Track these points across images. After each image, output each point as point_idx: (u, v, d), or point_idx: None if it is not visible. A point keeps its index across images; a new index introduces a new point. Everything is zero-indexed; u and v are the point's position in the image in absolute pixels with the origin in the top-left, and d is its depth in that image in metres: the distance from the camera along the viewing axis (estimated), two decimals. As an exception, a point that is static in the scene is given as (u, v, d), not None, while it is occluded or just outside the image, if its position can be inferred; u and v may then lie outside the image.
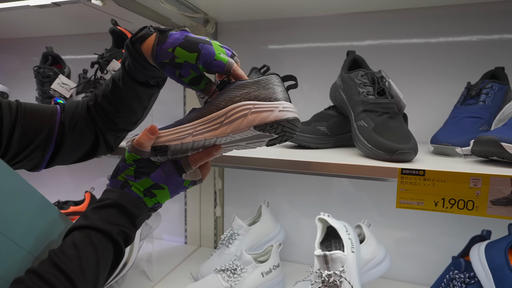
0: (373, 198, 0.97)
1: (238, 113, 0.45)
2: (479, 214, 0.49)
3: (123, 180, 0.45)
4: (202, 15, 0.95)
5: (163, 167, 0.46)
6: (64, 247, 0.39)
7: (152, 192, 0.45)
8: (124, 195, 0.44)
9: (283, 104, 0.45)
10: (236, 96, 0.46)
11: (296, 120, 0.46)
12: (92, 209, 0.42)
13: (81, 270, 0.37)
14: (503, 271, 0.66)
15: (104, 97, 0.57)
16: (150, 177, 0.45)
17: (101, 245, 0.40)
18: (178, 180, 0.47)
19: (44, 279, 0.35)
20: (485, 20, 0.84)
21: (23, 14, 1.02)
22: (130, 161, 0.45)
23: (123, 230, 0.42)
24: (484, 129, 0.67)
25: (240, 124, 0.45)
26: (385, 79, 0.69)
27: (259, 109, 0.45)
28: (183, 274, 0.97)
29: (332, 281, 0.66)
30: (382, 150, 0.58)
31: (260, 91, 0.46)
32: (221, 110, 0.46)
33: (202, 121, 0.46)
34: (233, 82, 0.48)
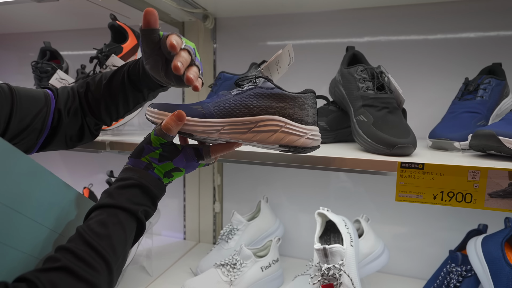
0: (372, 193, 0.98)
1: (269, 126, 0.47)
2: (477, 206, 0.50)
3: (146, 162, 0.46)
4: (201, 10, 0.95)
5: (185, 153, 0.48)
6: (93, 225, 0.40)
7: (171, 174, 0.48)
8: (147, 176, 0.45)
9: (311, 131, 0.49)
10: (271, 108, 0.48)
11: (316, 147, 0.50)
12: (117, 188, 0.44)
13: (112, 247, 0.39)
14: (499, 264, 0.67)
15: (97, 88, 0.59)
16: (172, 162, 0.47)
17: (127, 223, 0.42)
18: (196, 164, 0.49)
19: (79, 257, 0.36)
20: (482, 17, 0.85)
21: (20, 9, 1.01)
22: (156, 144, 0.46)
23: (146, 209, 0.44)
24: (481, 124, 0.68)
25: (267, 138, 0.47)
26: (384, 74, 0.70)
27: (289, 130, 0.47)
28: (182, 269, 0.98)
29: (332, 275, 0.67)
30: (382, 144, 0.58)
31: (295, 110, 0.48)
32: (253, 117, 0.47)
33: (232, 121, 0.47)
34: (274, 88, 0.48)
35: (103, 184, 1.08)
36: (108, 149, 0.72)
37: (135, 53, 0.86)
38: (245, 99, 0.48)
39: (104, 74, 0.60)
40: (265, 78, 0.49)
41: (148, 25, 0.49)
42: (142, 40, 0.51)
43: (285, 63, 0.53)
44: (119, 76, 0.58)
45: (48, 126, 0.56)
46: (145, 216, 0.45)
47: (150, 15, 0.49)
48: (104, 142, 0.71)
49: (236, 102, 0.48)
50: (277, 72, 0.53)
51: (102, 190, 0.45)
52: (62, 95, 0.58)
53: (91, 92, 0.59)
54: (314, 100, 0.50)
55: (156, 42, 0.50)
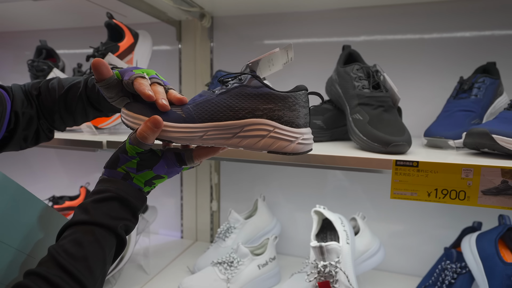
0: (368, 191, 0.98)
1: (256, 131, 0.43)
2: (471, 203, 0.50)
3: (123, 172, 0.42)
4: (198, 9, 0.95)
5: (165, 159, 0.44)
6: (66, 245, 0.36)
7: (153, 182, 0.44)
8: (125, 187, 0.42)
9: (303, 135, 0.44)
10: (258, 110, 0.43)
11: (308, 151, 0.45)
12: (92, 202, 0.40)
13: (88, 270, 0.36)
14: (493, 260, 0.68)
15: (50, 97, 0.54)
16: (152, 170, 0.43)
17: (106, 241, 0.38)
18: (178, 169, 0.46)
19: (52, 283, 0.33)
20: (477, 16, 0.85)
21: (16, 7, 1.00)
22: (132, 153, 0.42)
23: (126, 223, 0.41)
24: (476, 122, 0.69)
25: (255, 144, 0.43)
26: (380, 73, 0.70)
27: (279, 135, 0.43)
28: (179, 267, 0.98)
29: (328, 272, 0.67)
30: (377, 142, 0.59)
31: (285, 112, 0.43)
32: (239, 120, 0.43)
33: (215, 126, 0.43)
34: (261, 87, 0.44)
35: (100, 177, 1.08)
36: (105, 148, 0.72)
37: (131, 52, 0.86)
38: (230, 99, 0.43)
39: (58, 83, 0.55)
40: (251, 75, 0.44)
41: (103, 77, 0.45)
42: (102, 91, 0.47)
43: (280, 62, 0.49)
44: (75, 92, 0.53)
45: (4, 128, 0.50)
46: (125, 230, 0.41)
47: (100, 67, 0.45)
48: (101, 141, 0.71)
49: (219, 104, 0.43)
50: (268, 69, 0.49)
51: None
52: (18, 96, 0.53)
53: (42, 99, 0.54)
54: (306, 99, 0.45)
55: (116, 85, 0.46)
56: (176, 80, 1.11)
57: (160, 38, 1.08)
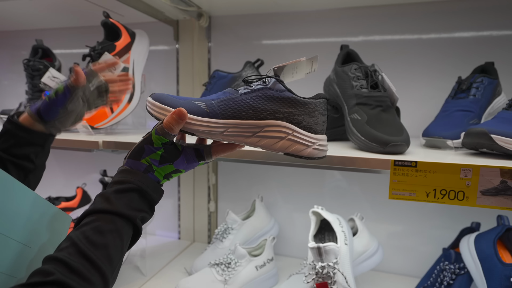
0: (366, 192, 0.98)
1: (275, 132, 0.45)
2: (469, 204, 0.50)
3: (147, 164, 0.44)
4: (196, 8, 0.94)
5: (185, 154, 0.46)
6: (88, 232, 0.37)
7: (171, 175, 0.46)
8: (146, 180, 0.43)
9: (319, 141, 0.47)
10: (280, 112, 0.45)
11: (323, 157, 0.48)
12: (114, 192, 0.41)
13: (108, 258, 0.37)
14: (491, 261, 0.68)
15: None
16: (173, 164, 0.45)
17: (125, 231, 0.40)
18: (195, 164, 0.48)
19: (73, 269, 0.34)
20: (475, 16, 0.85)
21: (12, 6, 0.99)
22: (158, 144, 0.44)
23: (143, 215, 0.42)
24: (474, 122, 0.68)
25: (272, 144, 0.45)
26: (378, 73, 0.70)
27: (297, 138, 0.45)
28: (176, 269, 0.97)
29: (326, 273, 0.67)
30: (375, 142, 0.58)
31: (304, 117, 0.46)
32: (260, 121, 0.45)
33: (237, 124, 0.45)
34: (284, 91, 0.46)
35: (97, 184, 1.07)
36: (101, 148, 0.71)
37: (128, 51, 0.85)
38: (253, 100, 0.45)
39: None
40: (275, 79, 0.46)
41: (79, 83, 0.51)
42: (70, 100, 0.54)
43: (303, 71, 0.51)
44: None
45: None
46: (141, 221, 0.43)
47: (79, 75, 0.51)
48: (97, 141, 0.71)
49: (242, 103, 0.45)
50: (291, 76, 0.51)
51: (95, 190, 0.44)
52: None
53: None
54: (325, 107, 0.47)
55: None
56: (174, 80, 1.10)
57: (158, 38, 1.08)
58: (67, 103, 0.57)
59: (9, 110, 1.12)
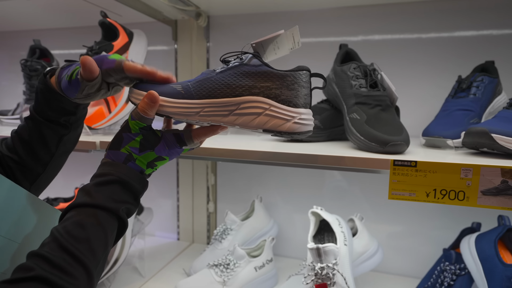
0: (366, 192, 0.97)
1: (252, 109, 0.43)
2: (470, 204, 0.49)
3: (127, 153, 0.42)
4: (194, 8, 0.94)
5: (165, 140, 0.45)
6: (69, 227, 0.36)
7: (154, 163, 0.45)
8: (127, 170, 0.42)
9: (300, 115, 0.43)
10: (255, 87, 0.43)
11: (307, 133, 0.44)
12: (95, 185, 0.40)
13: (91, 251, 0.36)
14: (492, 262, 0.67)
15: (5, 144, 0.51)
16: (154, 151, 0.44)
17: (108, 224, 0.39)
18: (179, 150, 0.46)
19: (54, 264, 0.33)
20: (475, 15, 0.85)
21: (9, 6, 0.99)
22: (136, 130, 0.43)
23: (127, 207, 0.41)
24: (474, 122, 0.68)
25: (250, 121, 0.43)
26: (377, 72, 0.69)
27: (274, 113, 0.43)
28: (175, 270, 0.96)
29: (325, 274, 0.66)
30: (375, 142, 0.58)
31: (283, 90, 0.43)
32: (236, 98, 0.43)
33: (212, 102, 0.43)
34: (260, 65, 0.44)
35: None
36: (99, 149, 0.71)
37: (126, 51, 0.84)
38: (228, 77, 0.43)
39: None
40: (253, 55, 0.44)
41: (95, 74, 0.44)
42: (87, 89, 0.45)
43: (285, 46, 0.48)
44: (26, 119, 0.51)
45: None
46: (127, 213, 0.42)
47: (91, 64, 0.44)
48: (95, 142, 0.70)
49: (218, 81, 0.43)
50: (274, 53, 0.48)
51: None
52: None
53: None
54: (306, 79, 0.44)
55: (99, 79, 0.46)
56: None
57: (156, 38, 1.07)
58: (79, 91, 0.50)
59: (7, 111, 1.12)
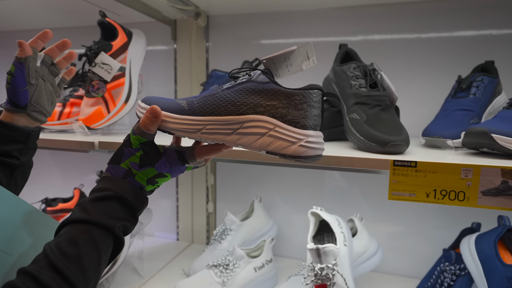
0: (365, 192, 0.97)
1: (255, 128, 0.40)
2: (470, 204, 0.49)
3: (126, 168, 0.42)
4: (193, 7, 0.93)
5: (167, 157, 0.43)
6: (61, 244, 0.35)
7: (155, 180, 0.43)
8: (126, 187, 0.41)
9: (307, 137, 0.40)
10: (261, 106, 0.40)
11: (315, 157, 0.41)
12: (91, 200, 0.39)
13: (81, 270, 0.35)
14: (492, 262, 0.67)
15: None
16: (154, 167, 0.42)
17: (102, 241, 0.37)
18: (182, 168, 0.45)
19: (42, 284, 0.32)
20: (475, 15, 0.85)
21: (8, 6, 0.99)
22: (136, 145, 0.42)
23: (124, 224, 0.40)
24: (474, 122, 0.68)
25: (253, 142, 0.40)
26: (377, 72, 0.69)
27: (279, 134, 0.40)
28: (174, 271, 0.96)
29: (325, 275, 0.66)
30: (374, 142, 0.58)
31: (290, 110, 0.40)
32: (239, 116, 0.41)
33: (215, 120, 0.41)
34: (268, 82, 0.41)
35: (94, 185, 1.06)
36: (97, 149, 0.70)
37: (125, 51, 0.84)
38: (234, 94, 0.41)
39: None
40: (262, 71, 0.42)
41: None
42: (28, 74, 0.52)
43: (298, 62, 0.45)
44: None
45: None
46: (124, 231, 0.40)
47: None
48: (93, 142, 0.70)
49: (222, 98, 0.41)
50: (286, 70, 0.45)
51: None
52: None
53: None
54: (317, 99, 0.41)
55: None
56: (172, 79, 1.09)
57: (155, 38, 1.07)
58: (26, 78, 0.54)
59: (6, 111, 1.11)
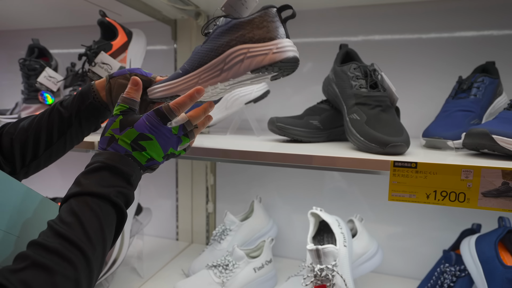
0: (365, 193, 0.97)
1: (235, 58, 0.47)
2: (471, 206, 0.49)
3: (109, 135, 0.44)
4: (193, 7, 0.93)
5: (145, 116, 0.45)
6: (62, 216, 0.37)
7: (140, 144, 0.44)
8: (112, 155, 0.42)
9: (277, 44, 0.46)
10: (232, 40, 0.47)
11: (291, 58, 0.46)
12: (82, 174, 0.41)
13: (86, 235, 0.36)
14: (492, 263, 0.67)
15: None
16: (134, 127, 0.44)
17: (101, 209, 0.38)
18: (164, 129, 0.44)
19: (50, 249, 0.34)
20: (476, 16, 0.84)
21: (8, 5, 0.99)
22: (117, 112, 0.45)
23: (120, 190, 0.41)
24: (475, 123, 0.67)
25: (238, 70, 0.47)
26: (377, 72, 0.69)
27: (253, 53, 0.46)
28: (174, 271, 0.96)
29: (325, 275, 0.66)
30: (375, 143, 0.57)
31: (255, 32, 0.47)
32: (220, 56, 0.48)
33: (204, 69, 0.49)
34: (230, 21, 0.48)
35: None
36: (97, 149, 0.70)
37: (125, 50, 0.84)
38: (210, 44, 0.49)
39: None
40: (223, 16, 0.49)
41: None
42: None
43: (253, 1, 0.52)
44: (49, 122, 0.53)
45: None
46: (123, 197, 0.41)
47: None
48: (93, 142, 0.70)
49: (203, 50, 0.49)
50: (244, 8, 0.51)
51: None
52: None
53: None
54: (273, 14, 0.47)
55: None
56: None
57: (156, 37, 1.07)
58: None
59: (6, 110, 1.11)
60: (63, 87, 0.99)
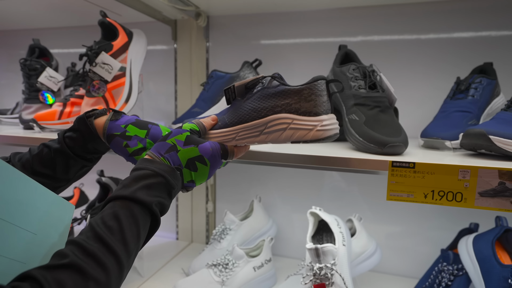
0: (364, 193, 0.98)
1: (277, 125, 0.48)
2: (468, 205, 0.50)
3: (172, 144, 0.46)
4: (194, 8, 0.94)
5: (212, 143, 0.48)
6: (105, 218, 0.38)
7: (195, 164, 0.46)
8: (165, 167, 0.43)
9: (322, 121, 0.47)
10: (277, 106, 0.48)
11: (333, 136, 0.48)
12: (133, 178, 0.42)
13: (123, 242, 0.37)
14: (490, 262, 0.68)
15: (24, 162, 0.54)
16: (198, 147, 0.46)
17: (141, 217, 0.40)
18: (219, 163, 0.49)
19: (89, 252, 0.34)
20: (474, 17, 0.85)
21: (9, 5, 0.99)
22: (187, 128, 0.48)
23: (160, 201, 0.42)
24: (472, 123, 0.68)
25: (278, 137, 0.48)
26: (376, 73, 0.69)
27: (297, 125, 0.47)
28: (174, 270, 0.97)
29: (324, 274, 0.66)
30: (373, 143, 0.58)
31: (301, 104, 0.47)
32: (262, 119, 0.49)
33: (244, 127, 0.50)
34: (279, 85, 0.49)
35: (94, 184, 1.07)
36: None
37: (125, 51, 0.84)
38: (254, 102, 0.49)
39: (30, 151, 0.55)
40: (270, 77, 0.50)
41: None
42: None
43: None
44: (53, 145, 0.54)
45: None
46: (160, 210, 0.42)
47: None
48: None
49: (246, 108, 0.50)
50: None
51: (93, 190, 0.44)
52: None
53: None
54: (322, 87, 0.47)
55: None
56: (172, 79, 1.10)
57: (156, 38, 1.07)
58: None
59: (6, 110, 1.12)
60: (63, 87, 0.99)
